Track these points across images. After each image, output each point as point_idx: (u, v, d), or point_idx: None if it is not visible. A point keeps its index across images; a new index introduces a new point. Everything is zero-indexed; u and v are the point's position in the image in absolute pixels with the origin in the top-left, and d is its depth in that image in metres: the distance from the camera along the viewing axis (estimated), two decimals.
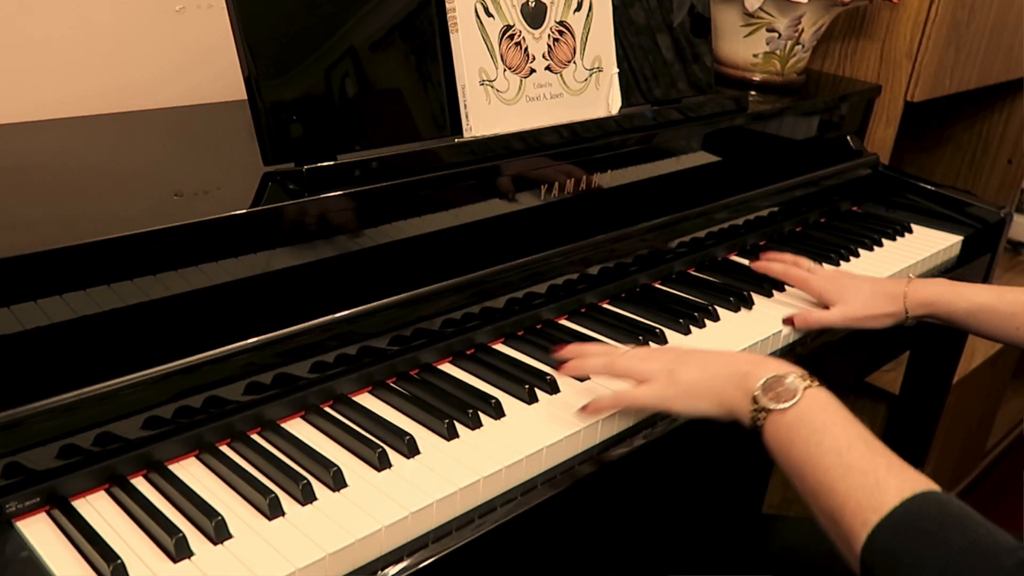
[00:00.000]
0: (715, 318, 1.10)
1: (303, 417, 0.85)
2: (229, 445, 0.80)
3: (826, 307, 1.11)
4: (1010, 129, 2.03)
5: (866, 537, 0.67)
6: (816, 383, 0.78)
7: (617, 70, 1.12)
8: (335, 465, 0.76)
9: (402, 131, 0.94)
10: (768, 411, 0.77)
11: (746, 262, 1.27)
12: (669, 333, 1.05)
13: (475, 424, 0.85)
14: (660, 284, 1.20)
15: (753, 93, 1.45)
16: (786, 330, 1.10)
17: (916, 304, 1.07)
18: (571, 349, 0.92)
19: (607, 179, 1.14)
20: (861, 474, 0.70)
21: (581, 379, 0.94)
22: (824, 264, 1.29)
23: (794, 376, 0.78)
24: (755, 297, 1.16)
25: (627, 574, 1.16)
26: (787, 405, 0.76)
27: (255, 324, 0.80)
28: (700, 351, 0.88)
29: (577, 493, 0.84)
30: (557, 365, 0.92)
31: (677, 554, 1.25)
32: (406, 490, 0.75)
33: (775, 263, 1.17)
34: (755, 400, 0.78)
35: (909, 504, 0.67)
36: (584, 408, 0.86)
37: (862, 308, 1.08)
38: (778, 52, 1.47)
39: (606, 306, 1.12)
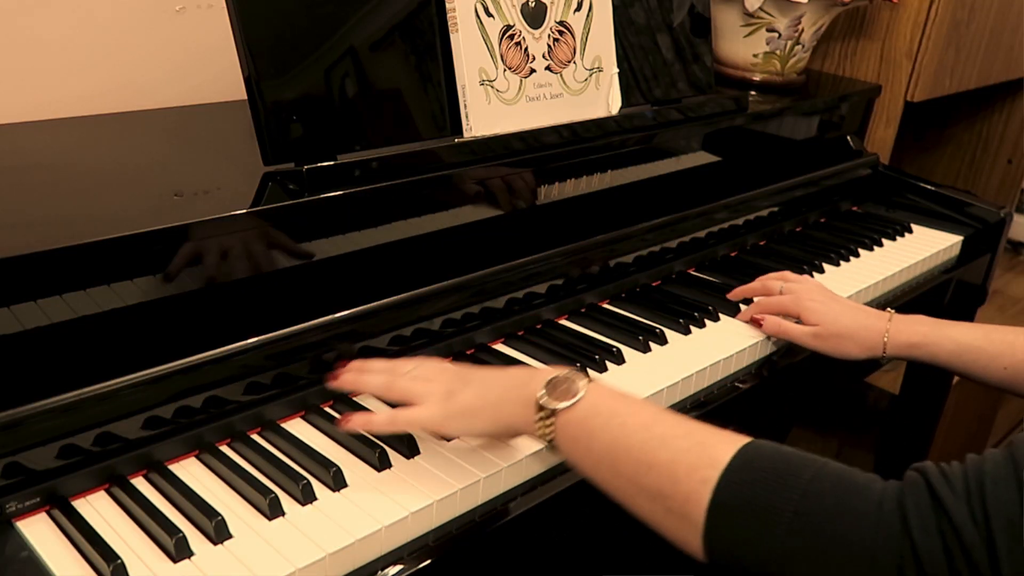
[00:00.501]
0: (715, 318, 1.10)
1: (303, 417, 0.85)
2: (229, 445, 0.80)
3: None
4: (1010, 129, 2.03)
5: (710, 495, 0.63)
6: (588, 376, 0.75)
7: (617, 70, 1.12)
8: (335, 465, 0.76)
9: (402, 131, 0.94)
10: (555, 411, 0.72)
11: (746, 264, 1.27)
12: (669, 333, 1.05)
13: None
14: (660, 284, 1.20)
15: (753, 93, 1.45)
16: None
17: (898, 346, 1.03)
18: (353, 364, 0.84)
19: (607, 179, 1.14)
20: (681, 438, 0.67)
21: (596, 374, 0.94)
22: (826, 264, 1.29)
23: (574, 375, 0.74)
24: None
25: (628, 573, 1.16)
26: (574, 400, 0.72)
27: (255, 324, 0.80)
28: (483, 371, 0.80)
29: (577, 493, 0.83)
30: (330, 376, 0.84)
31: (677, 554, 1.25)
32: (406, 490, 0.75)
33: (749, 301, 1.12)
34: (540, 407, 0.73)
35: (745, 452, 0.65)
36: (345, 421, 0.78)
37: (835, 335, 1.03)
38: (778, 52, 1.47)
39: (606, 306, 1.12)
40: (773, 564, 0.62)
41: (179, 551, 0.66)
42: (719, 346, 1.04)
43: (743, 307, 1.13)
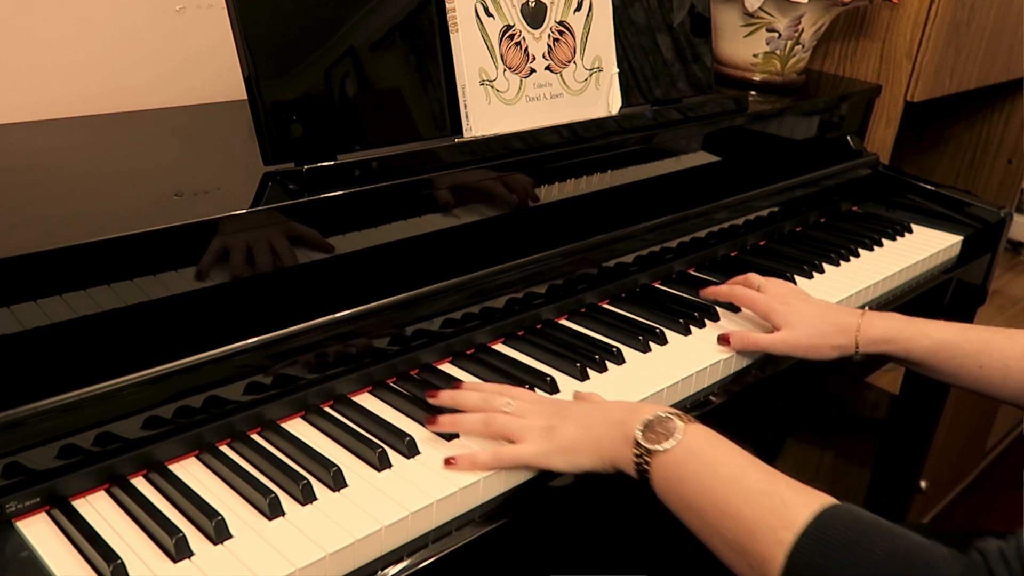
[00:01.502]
0: (715, 318, 1.10)
1: (303, 417, 0.85)
2: (229, 445, 0.80)
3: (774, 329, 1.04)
4: (1010, 129, 2.03)
5: (785, 557, 0.65)
6: (694, 421, 0.76)
7: (617, 70, 1.12)
8: (335, 465, 0.76)
9: (402, 131, 0.94)
10: (651, 453, 0.75)
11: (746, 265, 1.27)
12: (669, 333, 1.05)
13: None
14: (660, 284, 1.20)
15: (753, 93, 1.45)
16: None
17: (870, 340, 1.00)
18: (444, 397, 0.85)
19: (607, 179, 1.14)
20: (765, 496, 0.69)
21: (596, 374, 0.94)
22: (826, 264, 1.29)
23: (672, 416, 0.76)
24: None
25: (628, 573, 1.16)
26: (670, 444, 0.74)
27: (255, 324, 0.80)
28: (579, 405, 0.83)
29: (577, 493, 0.83)
30: (427, 421, 0.83)
31: (679, 554, 1.25)
32: (406, 490, 0.75)
33: (720, 287, 1.10)
34: (637, 444, 0.76)
35: (821, 518, 0.66)
36: (452, 463, 0.78)
37: (806, 337, 1.00)
38: (778, 52, 1.47)
39: (606, 306, 1.12)
40: None
41: (179, 551, 0.66)
42: (720, 346, 1.03)
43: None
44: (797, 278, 1.24)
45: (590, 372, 0.96)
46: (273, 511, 0.71)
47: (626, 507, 0.99)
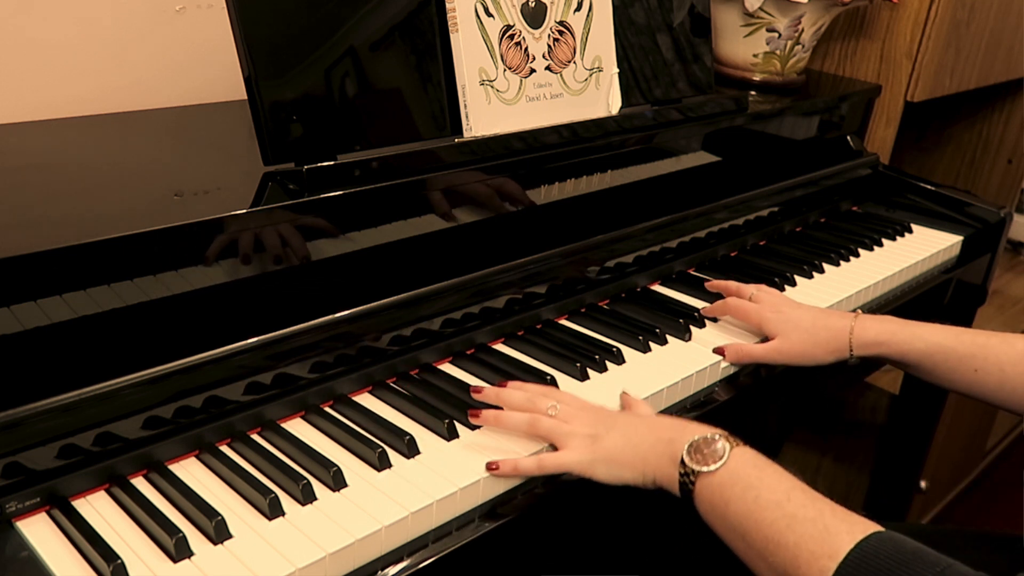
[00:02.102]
0: (715, 318, 1.10)
1: (303, 417, 0.85)
2: (229, 445, 0.80)
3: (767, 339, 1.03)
4: (1010, 129, 2.03)
5: None
6: (741, 443, 0.76)
7: (617, 70, 1.12)
8: (335, 465, 0.76)
9: (402, 131, 0.94)
10: (697, 474, 0.75)
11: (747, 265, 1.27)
12: (669, 333, 1.05)
13: (475, 424, 0.85)
14: (660, 284, 1.20)
15: (753, 93, 1.45)
16: None
17: (863, 344, 1.00)
18: (488, 394, 0.86)
19: (607, 179, 1.14)
20: (808, 522, 0.69)
21: (596, 374, 0.94)
22: (826, 264, 1.29)
23: (719, 437, 0.76)
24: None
25: (627, 574, 1.16)
26: (716, 466, 0.74)
27: (255, 324, 0.80)
28: (625, 417, 0.84)
29: (577, 493, 0.83)
30: (471, 413, 0.84)
31: (677, 554, 1.25)
32: (406, 490, 0.75)
33: (715, 305, 1.09)
34: (682, 464, 0.76)
35: (864, 546, 0.66)
36: (495, 468, 0.79)
37: (799, 344, 1.00)
38: (778, 52, 1.47)
39: (606, 306, 1.12)
40: None
41: (179, 551, 0.66)
42: (720, 344, 1.03)
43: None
44: (797, 278, 1.24)
45: (590, 372, 0.96)
46: (273, 511, 0.71)
47: (625, 507, 0.99)
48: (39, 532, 0.68)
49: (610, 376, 0.96)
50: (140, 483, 0.74)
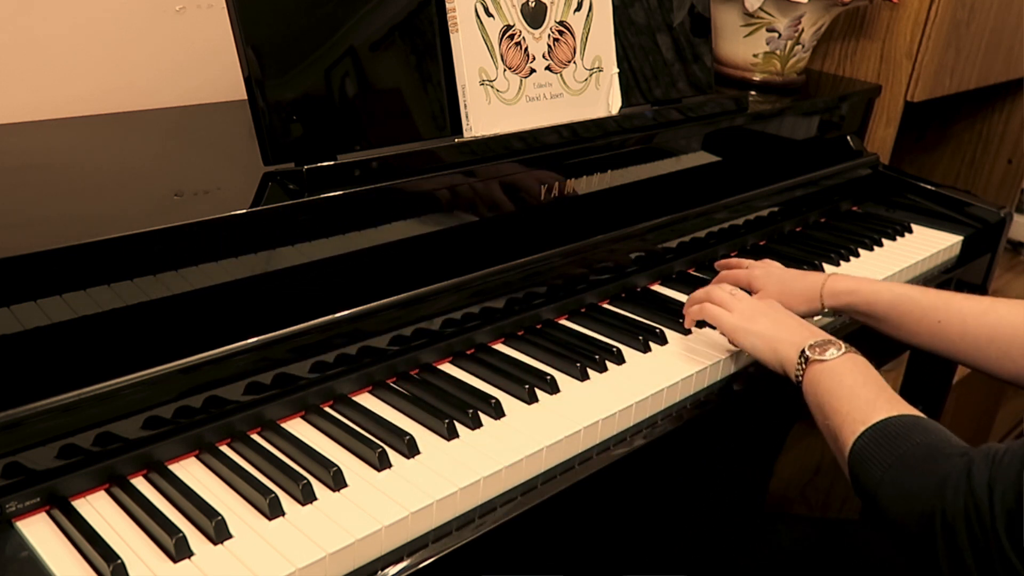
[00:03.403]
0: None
1: (303, 417, 0.85)
2: (229, 445, 0.80)
3: None
4: (1010, 129, 2.03)
5: (852, 443, 0.80)
6: (854, 351, 0.90)
7: (617, 70, 1.12)
8: (335, 465, 0.76)
9: (402, 131, 0.94)
10: (809, 360, 0.90)
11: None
12: (669, 333, 1.05)
13: (475, 424, 0.85)
14: (660, 284, 1.20)
15: (753, 93, 1.45)
16: None
17: (834, 293, 1.07)
18: (691, 311, 1.05)
19: (607, 179, 1.14)
20: (864, 401, 0.83)
21: (596, 374, 0.94)
22: (826, 264, 1.29)
23: (837, 343, 0.91)
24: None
25: (630, 573, 1.16)
26: (825, 357, 0.89)
27: (255, 324, 0.80)
28: (781, 310, 1.00)
29: (577, 493, 0.84)
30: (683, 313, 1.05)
31: (678, 554, 1.25)
32: (406, 490, 0.75)
33: (718, 276, 1.18)
34: (802, 353, 0.91)
35: (890, 418, 0.79)
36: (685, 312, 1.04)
37: (777, 294, 1.07)
38: (778, 52, 1.47)
39: (606, 306, 1.12)
40: (875, 499, 0.78)
41: (179, 551, 0.66)
42: (719, 346, 1.03)
43: None
44: None
45: (590, 372, 0.96)
46: (273, 511, 0.71)
47: (624, 508, 0.99)
48: (39, 532, 0.68)
49: (610, 376, 0.96)
50: (140, 483, 0.74)
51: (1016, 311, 0.96)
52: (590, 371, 0.96)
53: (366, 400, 0.88)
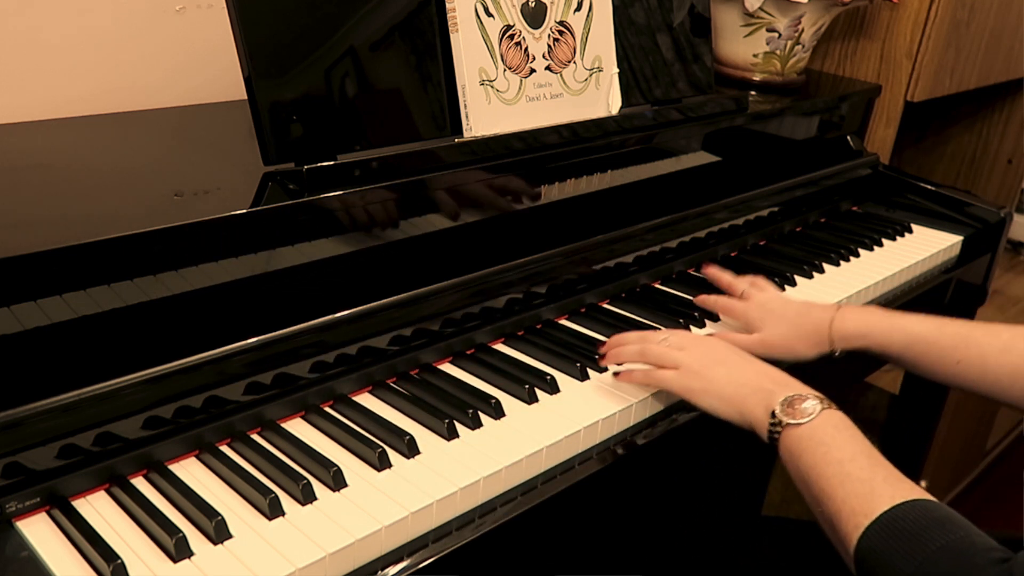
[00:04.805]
0: (716, 318, 1.10)
1: (303, 417, 0.85)
2: (229, 445, 0.80)
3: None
4: (1010, 129, 2.03)
5: (857, 540, 0.71)
6: (834, 407, 0.82)
7: (617, 70, 1.12)
8: (335, 465, 0.76)
9: (402, 131, 0.94)
10: (784, 425, 0.81)
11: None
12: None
13: (475, 424, 0.85)
14: (660, 284, 1.20)
15: (753, 93, 1.45)
16: None
17: (843, 336, 0.99)
18: (610, 341, 0.96)
19: (607, 179, 1.14)
20: (859, 483, 0.74)
21: (597, 374, 0.94)
22: (826, 264, 1.29)
23: (814, 398, 0.82)
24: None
25: (628, 574, 1.16)
26: (802, 421, 0.80)
27: (255, 324, 0.80)
28: (735, 355, 0.90)
29: (577, 494, 0.84)
30: (598, 357, 0.96)
31: (677, 555, 1.25)
32: (406, 490, 0.75)
33: (708, 297, 1.10)
34: (774, 415, 0.82)
35: (897, 509, 0.71)
36: (617, 375, 0.92)
37: (781, 337, 1.00)
38: (778, 52, 1.47)
39: (606, 306, 1.12)
40: None
41: (179, 551, 0.66)
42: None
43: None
44: (797, 278, 1.24)
45: (590, 372, 0.96)
46: (273, 511, 0.71)
47: (624, 508, 0.99)
48: (39, 532, 0.68)
49: (610, 376, 0.96)
50: (140, 483, 0.74)
51: None
52: (590, 371, 0.96)
53: (366, 400, 0.88)
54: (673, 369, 0.89)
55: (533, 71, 1.03)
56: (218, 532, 0.68)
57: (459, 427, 0.84)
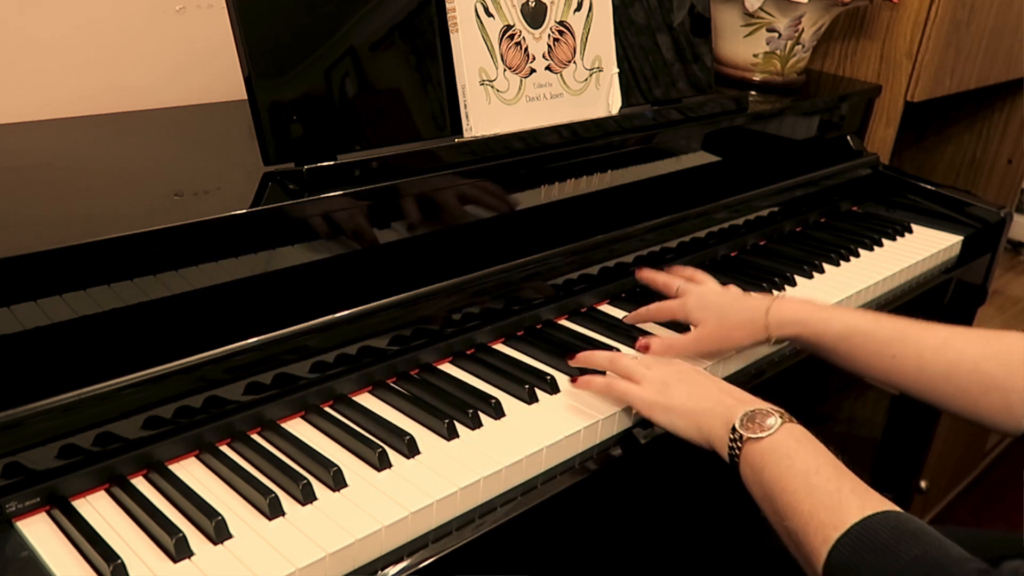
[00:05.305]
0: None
1: (303, 417, 0.85)
2: (229, 445, 0.80)
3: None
4: (1010, 129, 2.03)
5: (826, 553, 0.69)
6: (795, 421, 0.80)
7: (617, 70, 1.12)
8: (335, 465, 0.76)
9: (402, 131, 0.94)
10: (744, 440, 0.79)
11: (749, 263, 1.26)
12: (667, 333, 1.05)
13: (475, 424, 0.85)
14: None
15: (753, 93, 1.45)
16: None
17: (780, 323, 0.97)
18: (580, 356, 0.95)
19: (607, 179, 1.14)
20: (825, 494, 0.72)
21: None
22: (826, 264, 1.29)
23: (774, 413, 0.80)
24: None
25: (628, 574, 1.16)
26: (763, 435, 0.78)
27: (255, 324, 0.80)
28: (698, 374, 0.89)
29: (577, 494, 0.84)
30: (568, 357, 0.95)
31: (676, 555, 1.25)
32: (406, 490, 0.75)
33: (640, 310, 1.06)
34: (734, 429, 0.80)
35: (867, 521, 0.69)
36: (574, 381, 0.91)
37: (716, 328, 0.99)
38: (778, 52, 1.47)
39: (606, 307, 1.12)
40: None
41: (179, 551, 0.66)
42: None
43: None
44: (797, 278, 1.24)
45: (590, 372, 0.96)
46: (273, 511, 0.71)
47: (623, 508, 0.99)
48: (39, 532, 0.68)
49: (610, 376, 0.96)
50: (140, 483, 0.74)
51: (974, 345, 0.89)
52: (590, 371, 0.96)
53: (366, 400, 0.88)
54: (636, 385, 0.88)
55: (533, 71, 1.03)
56: (218, 532, 0.68)
57: (459, 427, 0.84)
